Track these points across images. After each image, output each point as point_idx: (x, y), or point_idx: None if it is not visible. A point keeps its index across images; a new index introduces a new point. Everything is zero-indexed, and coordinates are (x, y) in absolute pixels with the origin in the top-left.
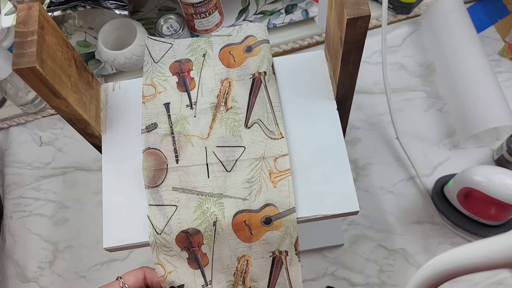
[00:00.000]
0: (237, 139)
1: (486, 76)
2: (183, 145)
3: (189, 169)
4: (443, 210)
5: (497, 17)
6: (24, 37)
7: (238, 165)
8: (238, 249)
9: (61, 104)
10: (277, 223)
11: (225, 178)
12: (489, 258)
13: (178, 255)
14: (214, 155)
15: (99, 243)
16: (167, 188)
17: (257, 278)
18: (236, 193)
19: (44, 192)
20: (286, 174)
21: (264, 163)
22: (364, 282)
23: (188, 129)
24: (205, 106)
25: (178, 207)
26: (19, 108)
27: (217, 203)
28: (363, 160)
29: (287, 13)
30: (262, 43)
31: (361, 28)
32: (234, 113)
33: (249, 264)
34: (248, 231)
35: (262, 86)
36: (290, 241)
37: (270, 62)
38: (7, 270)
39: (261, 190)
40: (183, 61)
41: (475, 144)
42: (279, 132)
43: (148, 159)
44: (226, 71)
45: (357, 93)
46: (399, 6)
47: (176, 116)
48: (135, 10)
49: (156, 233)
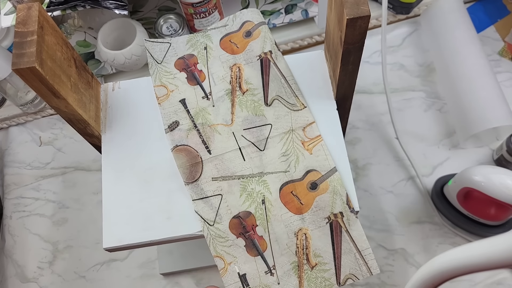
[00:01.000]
0: (262, 118)
1: (485, 76)
2: (210, 135)
3: (223, 157)
4: (442, 210)
5: (497, 17)
6: (23, 37)
7: (270, 142)
8: (292, 223)
9: (60, 104)
10: (323, 186)
11: (260, 157)
12: (489, 258)
13: (235, 244)
14: (244, 138)
15: (98, 243)
16: (207, 180)
17: (321, 252)
18: (276, 168)
19: (44, 192)
20: (318, 140)
21: (294, 134)
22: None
23: (211, 119)
24: (220, 94)
25: (223, 195)
26: (19, 108)
27: (260, 182)
28: (362, 160)
29: (287, 13)
30: (259, 25)
31: (361, 28)
32: (252, 94)
33: (308, 238)
34: (297, 201)
35: (272, 64)
36: (341, 200)
37: (272, 41)
38: (7, 270)
39: (299, 160)
40: (187, 57)
41: (475, 144)
42: (300, 103)
43: (180, 156)
44: (232, 58)
45: (357, 93)
46: (398, 6)
47: (195, 109)
48: (135, 10)
49: (209, 225)
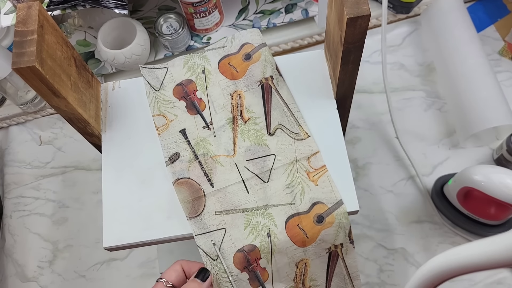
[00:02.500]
0: (265, 148)
1: (485, 76)
2: (212, 167)
3: (226, 190)
4: (442, 210)
5: (497, 17)
6: (23, 36)
7: (274, 173)
8: (295, 255)
9: (60, 103)
10: (329, 219)
11: (264, 190)
12: (489, 257)
13: (239, 279)
14: (247, 169)
15: (98, 242)
16: (210, 214)
17: (316, 276)
18: (281, 200)
19: (44, 192)
20: (323, 171)
21: (299, 165)
22: (364, 282)
23: (212, 150)
24: (221, 123)
25: (227, 229)
26: (19, 107)
27: (265, 215)
28: (362, 160)
29: (287, 13)
30: (260, 48)
31: (361, 27)
32: (254, 123)
33: (307, 266)
34: (303, 234)
35: (273, 90)
36: (344, 233)
37: (273, 65)
38: (7, 269)
39: (304, 191)
40: (185, 83)
41: (475, 143)
42: (304, 132)
43: (181, 190)
44: (232, 84)
45: (357, 92)
46: (399, 6)
47: (196, 140)
48: (135, 9)
49: (212, 259)
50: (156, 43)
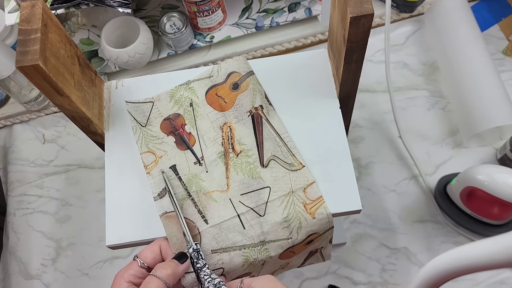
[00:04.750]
0: (259, 181)
1: (489, 75)
2: (205, 204)
3: (221, 226)
4: (445, 209)
5: (501, 16)
6: (27, 34)
7: (270, 206)
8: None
9: (64, 101)
10: (316, 240)
11: (261, 224)
12: (492, 257)
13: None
14: (242, 204)
15: (101, 240)
16: (207, 253)
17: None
18: (278, 236)
19: (47, 190)
20: (320, 202)
21: (295, 196)
22: (366, 281)
23: (205, 187)
24: (213, 157)
25: (225, 269)
26: (23, 106)
27: (262, 251)
28: (365, 159)
29: (290, 11)
30: (247, 76)
31: (364, 26)
32: (246, 156)
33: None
34: (292, 253)
35: (264, 120)
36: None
37: (262, 94)
38: (10, 267)
39: (301, 225)
40: (172, 117)
41: (478, 143)
42: (298, 163)
43: (170, 224)
44: (221, 116)
45: (360, 91)
46: (402, 5)
47: (187, 176)
48: (138, 8)
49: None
50: (160, 42)
